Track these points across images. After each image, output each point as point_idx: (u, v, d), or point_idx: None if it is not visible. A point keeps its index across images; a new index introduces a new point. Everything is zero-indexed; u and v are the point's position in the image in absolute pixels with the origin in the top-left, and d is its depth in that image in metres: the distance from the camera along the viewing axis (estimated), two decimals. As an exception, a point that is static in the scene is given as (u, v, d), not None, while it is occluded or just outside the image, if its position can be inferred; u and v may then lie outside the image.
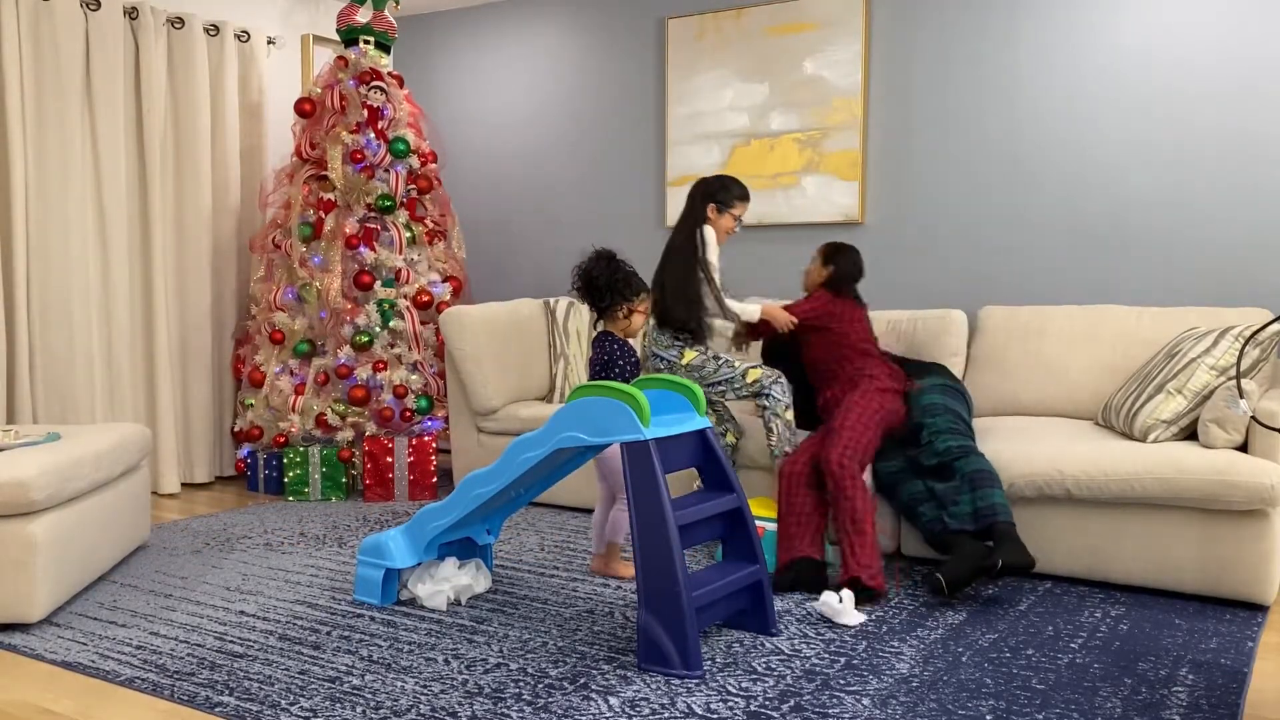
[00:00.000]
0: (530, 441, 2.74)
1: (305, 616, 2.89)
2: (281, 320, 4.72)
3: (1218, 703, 2.26)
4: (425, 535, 2.98)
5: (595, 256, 3.25)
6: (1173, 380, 3.27)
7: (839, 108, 4.53)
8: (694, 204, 3.57)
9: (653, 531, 2.44)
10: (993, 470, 3.17)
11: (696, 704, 2.25)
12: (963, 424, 3.36)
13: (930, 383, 3.50)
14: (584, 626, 2.79)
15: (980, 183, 4.29)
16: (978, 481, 3.14)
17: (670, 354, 3.52)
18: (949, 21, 4.32)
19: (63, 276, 4.30)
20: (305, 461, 4.56)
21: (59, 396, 4.31)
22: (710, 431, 2.77)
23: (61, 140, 4.29)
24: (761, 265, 4.78)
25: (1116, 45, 4.02)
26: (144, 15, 4.57)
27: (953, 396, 3.47)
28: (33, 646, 2.65)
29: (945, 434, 3.28)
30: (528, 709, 2.22)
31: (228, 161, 4.95)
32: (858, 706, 2.24)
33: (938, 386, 3.48)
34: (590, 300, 3.27)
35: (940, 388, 3.48)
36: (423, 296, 4.75)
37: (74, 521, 2.97)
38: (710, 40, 4.82)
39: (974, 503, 3.10)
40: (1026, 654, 2.58)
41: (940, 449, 3.24)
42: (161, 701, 2.30)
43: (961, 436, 3.29)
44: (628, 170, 5.14)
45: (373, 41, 4.86)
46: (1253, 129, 3.80)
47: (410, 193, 4.88)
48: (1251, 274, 3.82)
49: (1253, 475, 2.92)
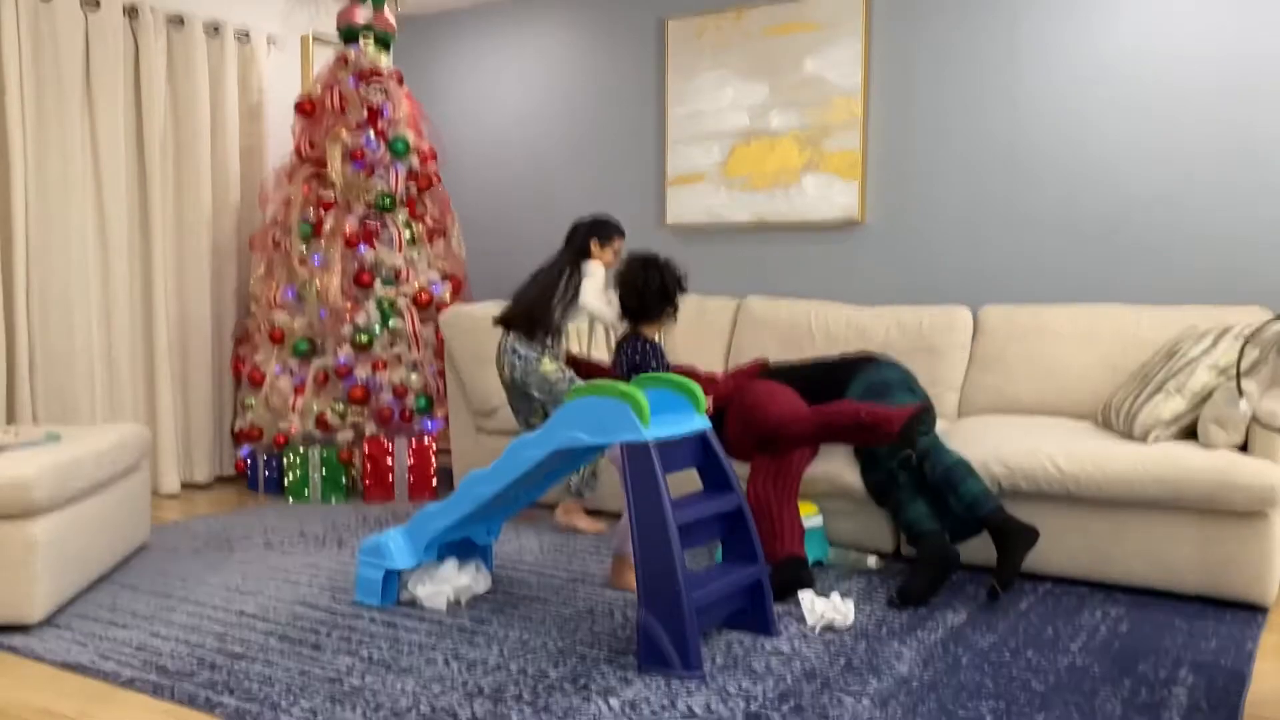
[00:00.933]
0: (530, 442, 2.74)
1: (305, 617, 2.89)
2: (281, 319, 4.72)
3: (1218, 703, 2.26)
4: (425, 536, 2.98)
5: (642, 265, 3.46)
6: (1173, 380, 3.27)
7: (839, 107, 4.53)
8: (576, 238, 3.90)
9: (652, 532, 2.44)
10: (955, 462, 3.15)
11: (696, 704, 2.25)
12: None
13: (868, 379, 3.46)
14: (584, 627, 2.79)
15: (980, 182, 4.29)
16: (951, 480, 3.12)
17: (531, 353, 3.78)
18: (949, 21, 4.32)
19: (63, 276, 4.30)
20: (305, 462, 4.56)
21: (59, 396, 4.31)
22: (710, 432, 2.77)
23: (61, 140, 4.29)
24: (761, 265, 4.78)
25: (1116, 45, 4.02)
26: (144, 15, 4.57)
27: (887, 390, 3.40)
28: (32, 647, 2.65)
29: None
30: (528, 709, 2.22)
31: (228, 161, 4.94)
32: (858, 707, 2.24)
33: (874, 383, 3.44)
34: (647, 313, 3.47)
35: (872, 384, 3.44)
36: (422, 295, 4.75)
37: (74, 522, 2.97)
38: (710, 40, 4.81)
39: (960, 502, 3.09)
40: (1026, 655, 2.58)
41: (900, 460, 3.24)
42: (161, 702, 2.30)
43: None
44: (628, 170, 5.14)
45: (373, 38, 4.85)
46: (1253, 128, 3.80)
47: (410, 191, 4.88)
48: (1251, 273, 3.82)
49: (1253, 476, 2.92)
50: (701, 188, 4.87)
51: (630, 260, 3.58)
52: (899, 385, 3.41)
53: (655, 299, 3.51)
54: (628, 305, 3.55)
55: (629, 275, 3.52)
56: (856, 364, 3.58)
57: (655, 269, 3.51)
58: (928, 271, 4.39)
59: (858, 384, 3.46)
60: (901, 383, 3.43)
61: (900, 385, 3.41)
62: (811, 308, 4.39)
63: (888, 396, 3.34)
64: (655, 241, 4.96)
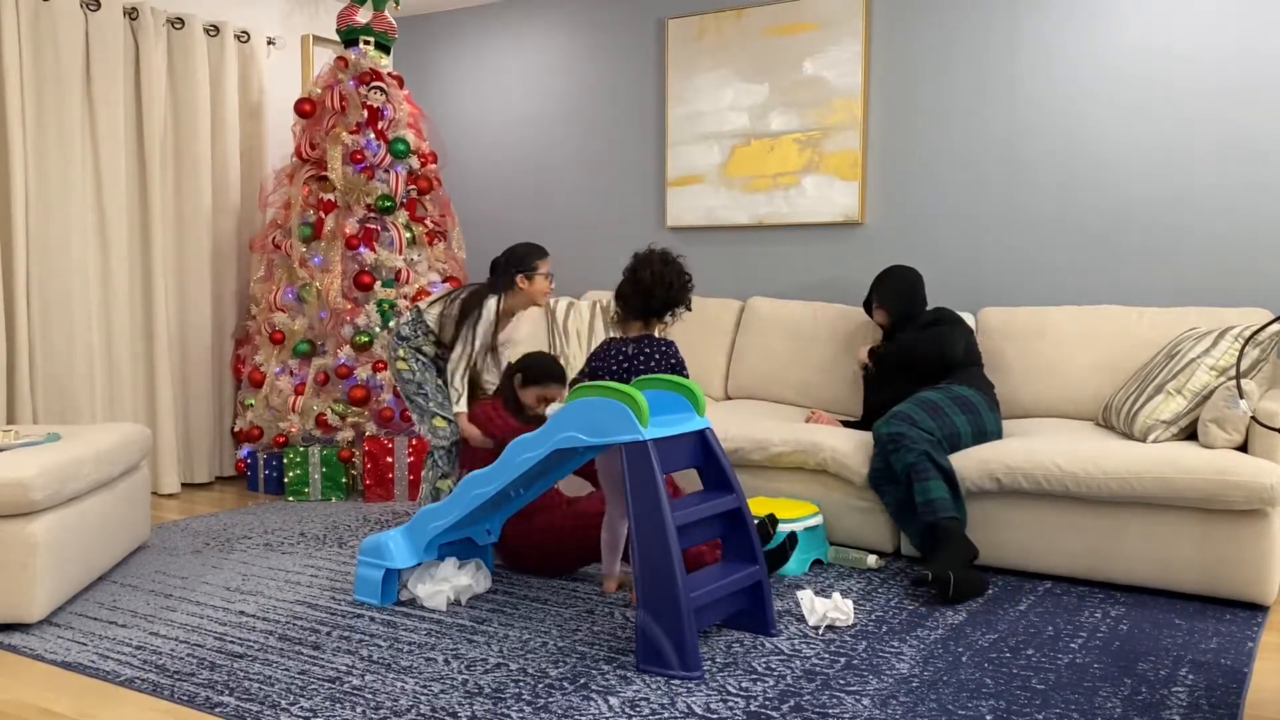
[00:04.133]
0: (529, 442, 2.74)
1: (305, 616, 2.89)
2: (281, 320, 4.72)
3: (1218, 703, 2.26)
4: (425, 535, 2.98)
5: (639, 258, 3.17)
6: (1173, 380, 3.27)
7: (839, 108, 4.53)
8: (498, 272, 3.59)
9: (651, 532, 2.44)
10: (913, 465, 3.19)
11: (696, 704, 2.25)
12: (923, 418, 3.33)
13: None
14: (584, 626, 2.79)
15: (980, 182, 4.29)
16: (915, 475, 3.19)
17: (403, 339, 3.60)
18: (949, 21, 4.32)
19: (63, 276, 4.30)
20: (305, 462, 4.56)
21: (59, 396, 4.31)
22: (710, 432, 2.77)
23: (61, 140, 4.29)
24: (762, 265, 4.78)
25: (1116, 45, 4.02)
26: (144, 15, 4.57)
27: (932, 406, 3.42)
28: (32, 646, 2.65)
29: (889, 419, 3.33)
30: (528, 709, 2.22)
31: (228, 161, 4.95)
32: (858, 707, 2.24)
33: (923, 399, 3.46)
34: (651, 311, 3.19)
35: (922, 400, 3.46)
36: (422, 297, 4.75)
37: (74, 521, 2.97)
38: (710, 40, 4.82)
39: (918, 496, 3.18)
40: (1026, 654, 2.58)
41: (883, 433, 3.31)
42: (161, 701, 2.29)
43: (890, 435, 3.28)
44: (628, 170, 5.14)
45: (373, 42, 4.86)
46: (1253, 128, 3.80)
47: (410, 193, 4.88)
48: (1251, 274, 3.82)
49: (1253, 475, 2.92)
50: (701, 189, 4.87)
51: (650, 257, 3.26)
52: (948, 407, 3.42)
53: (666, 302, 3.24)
54: (632, 303, 3.33)
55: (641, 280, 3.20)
56: (949, 371, 3.62)
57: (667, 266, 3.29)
58: (928, 272, 4.38)
59: (936, 392, 3.48)
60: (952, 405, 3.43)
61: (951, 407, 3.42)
62: (815, 308, 4.39)
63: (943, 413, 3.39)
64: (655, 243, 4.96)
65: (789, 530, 3.27)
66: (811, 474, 3.62)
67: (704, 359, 4.58)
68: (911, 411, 3.34)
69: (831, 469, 3.54)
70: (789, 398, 4.37)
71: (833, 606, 2.78)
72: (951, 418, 3.38)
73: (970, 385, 3.53)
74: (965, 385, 3.53)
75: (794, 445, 3.60)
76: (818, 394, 4.27)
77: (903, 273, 3.90)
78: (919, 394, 3.48)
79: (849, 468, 3.48)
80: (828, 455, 3.53)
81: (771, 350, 4.41)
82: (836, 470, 3.52)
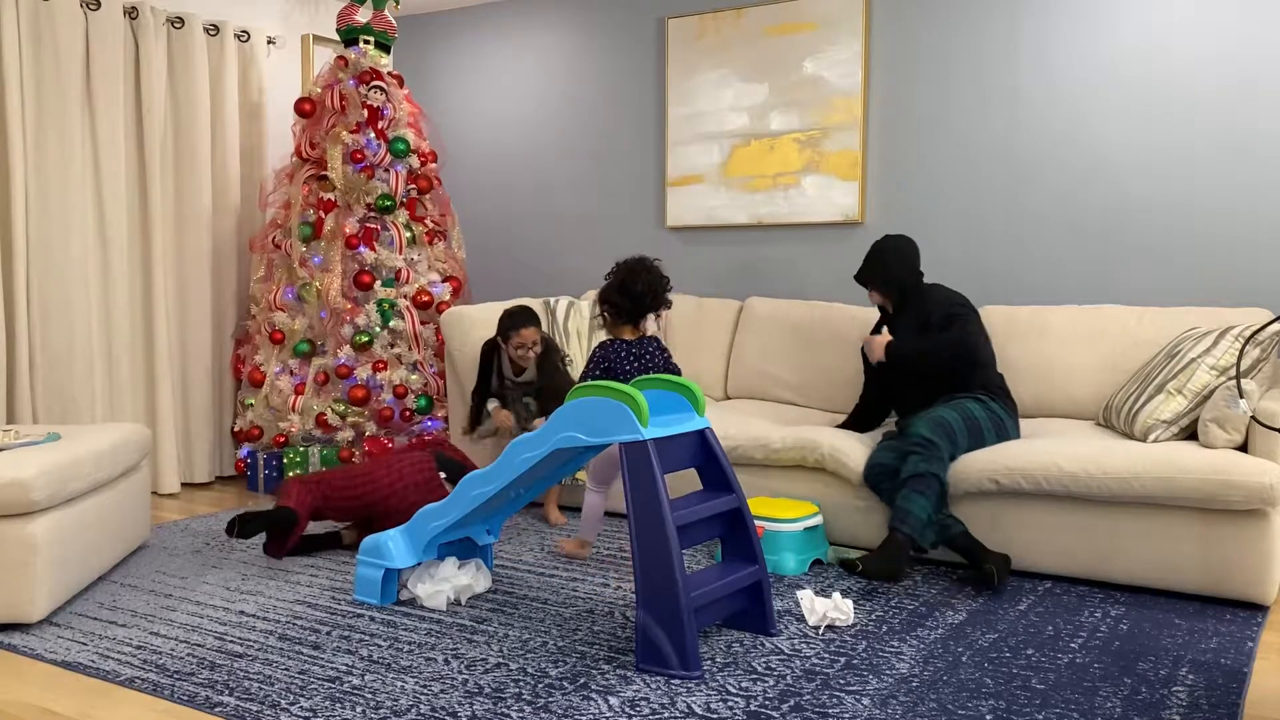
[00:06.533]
0: (529, 441, 2.74)
1: (305, 616, 2.89)
2: (281, 320, 4.72)
3: (1218, 703, 2.26)
4: (425, 535, 2.98)
5: (628, 269, 3.34)
6: (1173, 380, 3.27)
7: (839, 108, 4.53)
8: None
9: (651, 532, 2.44)
10: (924, 475, 3.18)
11: (696, 704, 2.25)
12: (941, 433, 3.30)
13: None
14: (584, 626, 2.79)
15: (980, 182, 4.29)
16: (914, 483, 3.20)
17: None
18: (949, 21, 4.32)
19: (63, 276, 4.30)
20: (305, 461, 4.56)
21: (59, 396, 4.31)
22: (710, 431, 2.77)
23: (61, 140, 4.29)
24: (762, 265, 4.78)
25: (1117, 45, 4.02)
26: (144, 15, 4.57)
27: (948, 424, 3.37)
28: (32, 646, 2.65)
29: (932, 423, 3.31)
30: (528, 709, 2.22)
31: (228, 161, 4.94)
32: (858, 706, 2.24)
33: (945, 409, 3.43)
34: (640, 310, 3.38)
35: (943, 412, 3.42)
36: (422, 296, 4.75)
37: (74, 521, 2.97)
38: (710, 40, 4.82)
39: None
40: (1026, 654, 2.58)
41: (910, 435, 3.32)
42: (161, 701, 2.30)
43: (923, 439, 3.26)
44: (628, 170, 5.14)
45: (373, 41, 4.86)
46: (1253, 128, 3.80)
47: (410, 192, 4.88)
48: (1251, 274, 3.82)
49: (1253, 475, 2.92)
50: (701, 188, 4.87)
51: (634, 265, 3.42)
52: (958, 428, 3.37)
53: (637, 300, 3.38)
54: (620, 306, 3.44)
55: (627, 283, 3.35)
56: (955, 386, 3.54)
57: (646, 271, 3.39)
58: (928, 272, 4.38)
59: (943, 407, 3.43)
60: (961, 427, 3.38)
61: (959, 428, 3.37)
62: (814, 308, 4.39)
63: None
64: (655, 243, 4.97)
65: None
66: (811, 473, 3.62)
67: (703, 359, 4.59)
68: (954, 425, 3.31)
69: (830, 466, 3.54)
70: (788, 398, 4.37)
71: (833, 606, 2.78)
72: (985, 439, 3.38)
73: (999, 399, 3.49)
74: (998, 400, 3.48)
75: (793, 441, 3.61)
76: (817, 394, 4.28)
77: (896, 245, 3.67)
78: (963, 404, 3.40)
79: (847, 465, 3.48)
80: (826, 451, 3.53)
81: (771, 350, 4.41)
82: (835, 468, 3.52)
